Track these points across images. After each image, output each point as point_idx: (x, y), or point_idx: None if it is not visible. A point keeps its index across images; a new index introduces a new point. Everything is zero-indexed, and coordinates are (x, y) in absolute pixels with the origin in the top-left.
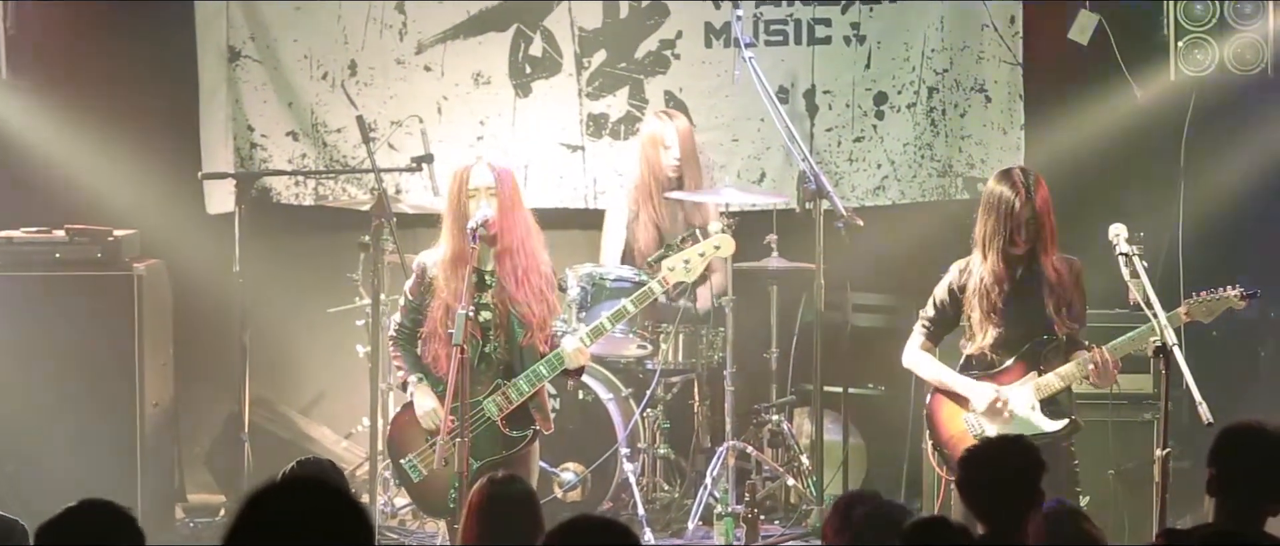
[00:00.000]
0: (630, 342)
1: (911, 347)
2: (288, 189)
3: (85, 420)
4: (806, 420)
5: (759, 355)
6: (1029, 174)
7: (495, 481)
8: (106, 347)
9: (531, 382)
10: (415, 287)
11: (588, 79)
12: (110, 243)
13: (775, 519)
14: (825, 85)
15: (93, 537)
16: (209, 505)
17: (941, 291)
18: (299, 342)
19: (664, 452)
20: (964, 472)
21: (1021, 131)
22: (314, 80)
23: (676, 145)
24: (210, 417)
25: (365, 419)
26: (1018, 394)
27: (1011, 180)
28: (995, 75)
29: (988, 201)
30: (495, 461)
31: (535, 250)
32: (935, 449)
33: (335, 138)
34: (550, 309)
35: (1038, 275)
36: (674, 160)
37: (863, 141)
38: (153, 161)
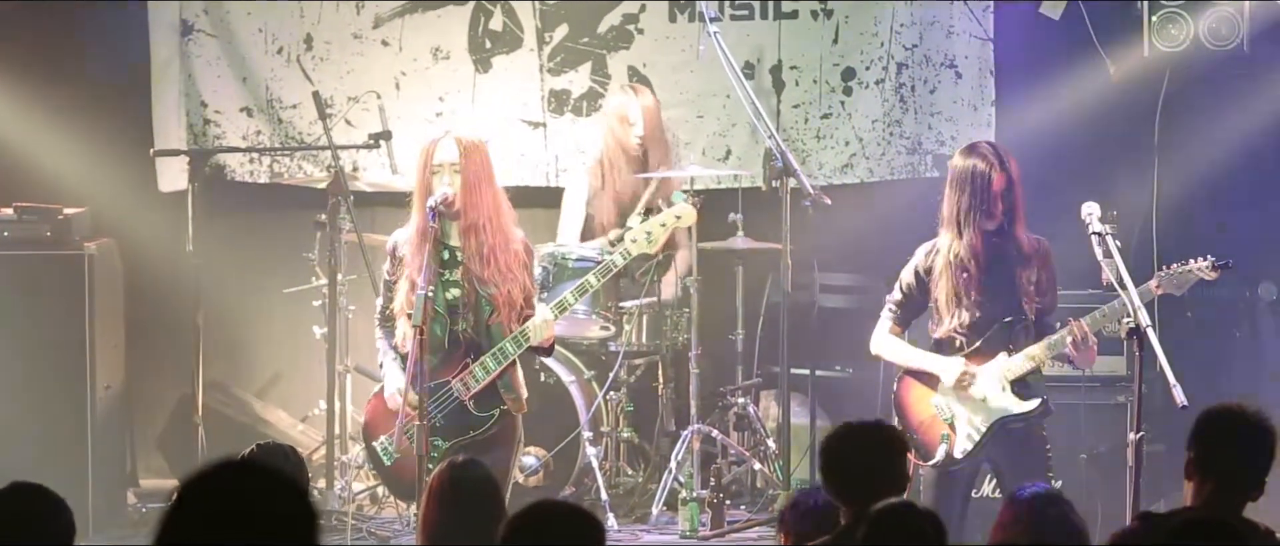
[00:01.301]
0: (593, 324)
1: (879, 333)
2: (242, 166)
3: (35, 403)
4: (773, 403)
5: (724, 336)
6: (997, 146)
7: (455, 465)
8: (56, 329)
9: (498, 361)
10: (390, 267)
11: (549, 54)
12: (60, 221)
13: (741, 504)
14: (792, 61)
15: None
16: (161, 490)
17: (908, 275)
18: (254, 324)
19: (627, 436)
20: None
21: (992, 108)
22: (269, 55)
23: (640, 121)
24: (163, 400)
25: (322, 402)
26: (987, 374)
27: (980, 153)
28: (965, 51)
29: (958, 177)
30: (462, 443)
31: (505, 227)
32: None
33: (291, 114)
34: (521, 287)
35: (1009, 251)
36: (636, 137)
37: (830, 118)
38: (103, 138)
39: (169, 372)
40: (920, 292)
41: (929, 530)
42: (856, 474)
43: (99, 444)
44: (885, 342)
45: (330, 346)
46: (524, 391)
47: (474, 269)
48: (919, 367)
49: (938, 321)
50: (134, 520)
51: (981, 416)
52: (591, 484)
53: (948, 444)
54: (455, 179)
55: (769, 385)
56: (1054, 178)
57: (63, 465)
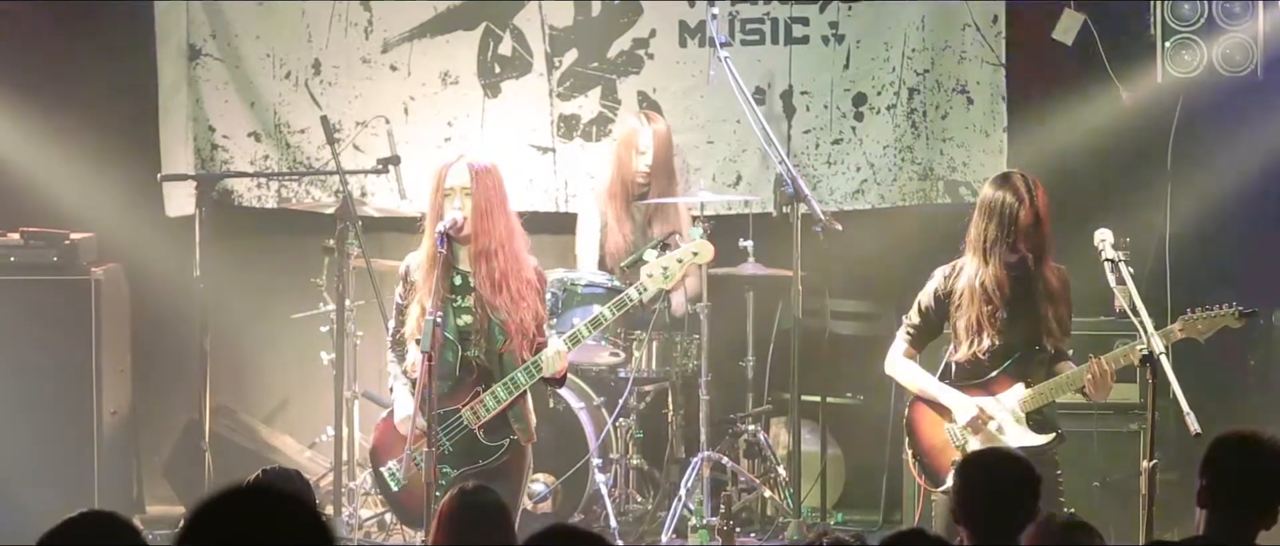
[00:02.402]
0: (603, 350)
1: (894, 354)
2: (250, 191)
3: (41, 428)
4: (783, 430)
5: (734, 363)
6: (1028, 178)
7: (465, 491)
8: (63, 354)
9: (509, 390)
10: (402, 291)
11: (559, 79)
12: (67, 246)
13: (751, 531)
14: (803, 86)
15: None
16: (168, 517)
17: (926, 297)
18: (261, 349)
19: (637, 463)
20: (960, 480)
21: (1004, 134)
22: (277, 79)
23: (651, 151)
24: (170, 426)
25: (329, 428)
26: (1004, 406)
27: (1012, 185)
28: (977, 76)
29: (988, 206)
30: (471, 472)
31: (517, 252)
32: (915, 458)
33: (299, 139)
34: (534, 315)
35: (1034, 284)
36: (645, 166)
37: (841, 143)
38: (111, 163)
39: (175, 398)
40: (938, 316)
41: None
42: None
43: (105, 469)
44: (900, 366)
45: (338, 372)
46: (533, 421)
47: (485, 294)
48: (932, 398)
49: (956, 346)
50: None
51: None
52: (601, 511)
53: None
54: (466, 203)
55: (779, 412)
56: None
57: (69, 491)
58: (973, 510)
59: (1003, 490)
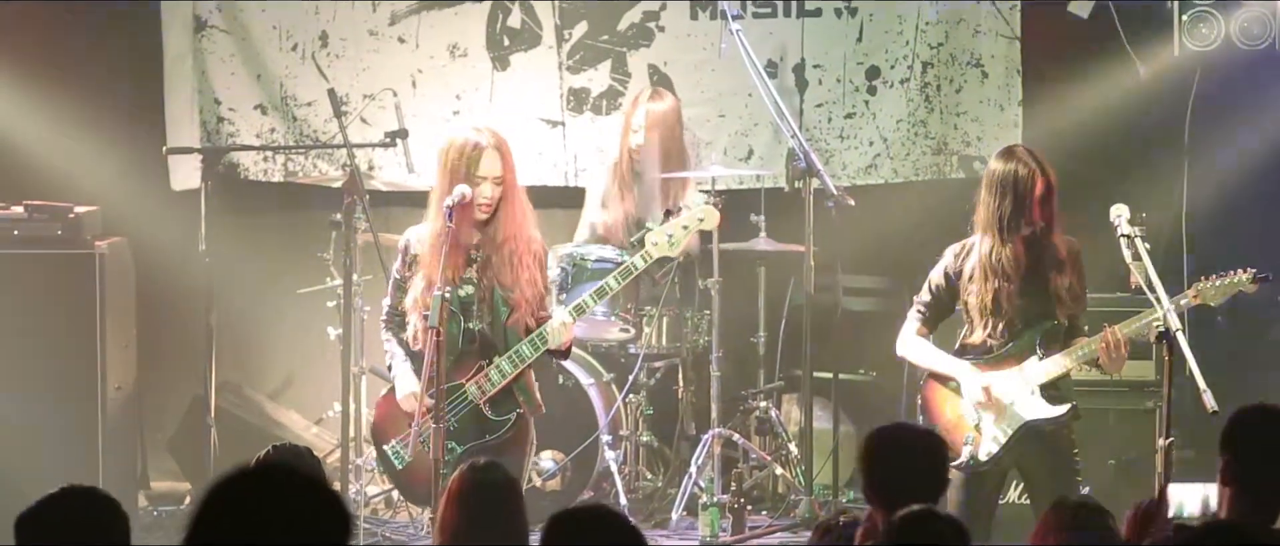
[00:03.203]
0: (612, 326)
1: (906, 334)
2: (256, 164)
3: (45, 404)
4: (795, 407)
5: (746, 339)
6: (1033, 152)
7: (475, 468)
8: (67, 329)
9: (514, 363)
10: (401, 266)
11: (568, 52)
12: (71, 220)
13: (763, 509)
14: (815, 59)
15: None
16: (173, 493)
17: (937, 276)
18: (267, 325)
19: (647, 440)
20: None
21: (1019, 108)
22: (283, 52)
23: (643, 129)
24: (175, 402)
25: (336, 404)
26: (1017, 379)
27: (1020, 157)
28: (992, 49)
29: (999, 181)
30: (478, 446)
31: (526, 227)
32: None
33: (305, 111)
34: (538, 288)
35: (1044, 256)
36: (635, 144)
37: (854, 118)
38: (115, 135)
39: (181, 374)
40: (949, 295)
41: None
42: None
43: (110, 446)
44: (911, 344)
45: (345, 348)
46: (538, 394)
47: (495, 268)
48: (944, 373)
49: (969, 324)
50: (145, 523)
51: (1008, 421)
52: (610, 488)
53: (972, 446)
54: (496, 190)
55: (791, 389)
56: (1082, 178)
57: (73, 467)
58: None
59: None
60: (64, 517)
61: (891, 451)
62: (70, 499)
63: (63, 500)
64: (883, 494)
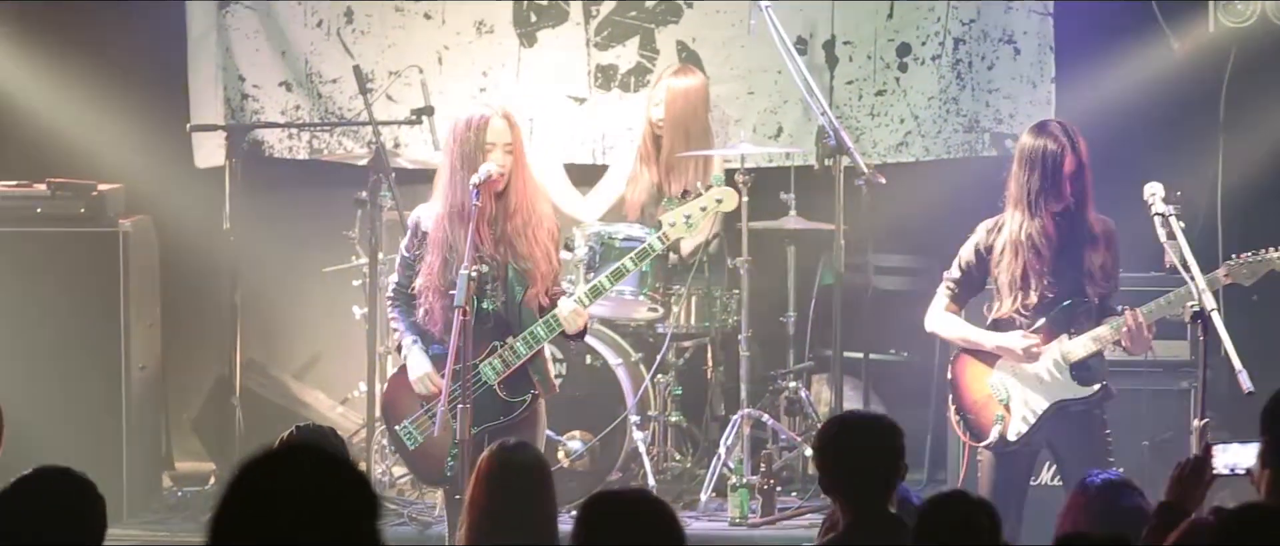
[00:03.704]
0: (640, 305)
1: (935, 310)
2: (281, 142)
3: (68, 383)
4: (825, 387)
5: (775, 319)
6: (1067, 127)
7: (506, 447)
8: (90, 307)
9: (529, 345)
10: (410, 243)
11: (596, 28)
12: (94, 197)
13: (792, 490)
14: (846, 36)
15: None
16: (198, 473)
17: (967, 252)
18: (292, 303)
19: (675, 420)
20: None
21: (1052, 85)
22: (308, 28)
23: (664, 104)
24: (199, 381)
25: (362, 384)
26: (1047, 356)
27: (1051, 132)
28: (1024, 25)
29: (1029, 156)
30: (493, 428)
31: (538, 204)
32: (958, 414)
33: (331, 88)
34: (552, 266)
35: (1078, 233)
36: (656, 118)
37: (885, 95)
38: (139, 112)
39: (205, 353)
40: (980, 271)
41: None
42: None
43: (133, 426)
44: (941, 320)
45: (371, 327)
46: (552, 372)
47: (511, 246)
48: (976, 345)
49: (998, 301)
50: (169, 504)
51: (1038, 399)
52: (638, 469)
53: (1001, 425)
54: (507, 159)
55: (821, 369)
56: (1116, 157)
57: (97, 447)
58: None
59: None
60: (37, 500)
61: (843, 441)
62: (43, 481)
63: (35, 482)
64: (837, 485)
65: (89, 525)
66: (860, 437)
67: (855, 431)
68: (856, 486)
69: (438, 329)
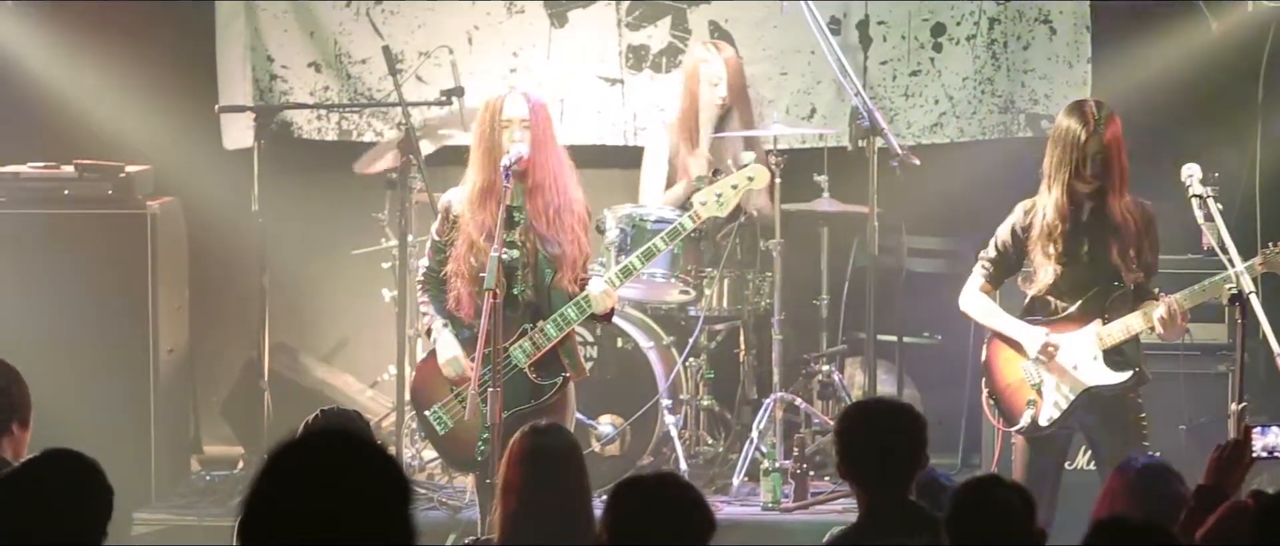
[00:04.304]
0: (672, 288)
1: (969, 289)
2: (309, 123)
3: (96, 367)
4: (859, 371)
5: (809, 302)
6: (1102, 108)
7: (538, 430)
8: (118, 290)
9: (559, 327)
10: (441, 227)
11: (627, 8)
12: (122, 179)
13: (825, 475)
14: (879, 16)
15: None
16: (227, 457)
17: (1004, 232)
18: (321, 286)
19: (707, 404)
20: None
21: (1088, 65)
22: (338, 8)
23: (723, 81)
24: (228, 365)
25: (391, 367)
26: (1079, 342)
27: (1082, 112)
28: (1061, 5)
29: (1055, 134)
30: (523, 411)
31: (568, 186)
32: (991, 397)
33: (360, 69)
34: (581, 249)
35: (1108, 215)
36: (721, 97)
37: (919, 75)
38: (167, 93)
39: (233, 336)
40: (1016, 252)
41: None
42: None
43: (162, 409)
44: (974, 300)
45: (400, 310)
46: (582, 356)
47: (539, 229)
48: (1003, 332)
49: (1034, 284)
50: (198, 488)
51: (1070, 384)
52: (670, 453)
53: (1033, 410)
54: (525, 135)
55: (854, 352)
56: (1153, 138)
57: (125, 431)
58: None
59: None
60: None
61: (864, 428)
62: (50, 463)
63: (42, 465)
64: (855, 472)
65: (92, 510)
66: (881, 425)
67: (876, 418)
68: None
69: (467, 314)
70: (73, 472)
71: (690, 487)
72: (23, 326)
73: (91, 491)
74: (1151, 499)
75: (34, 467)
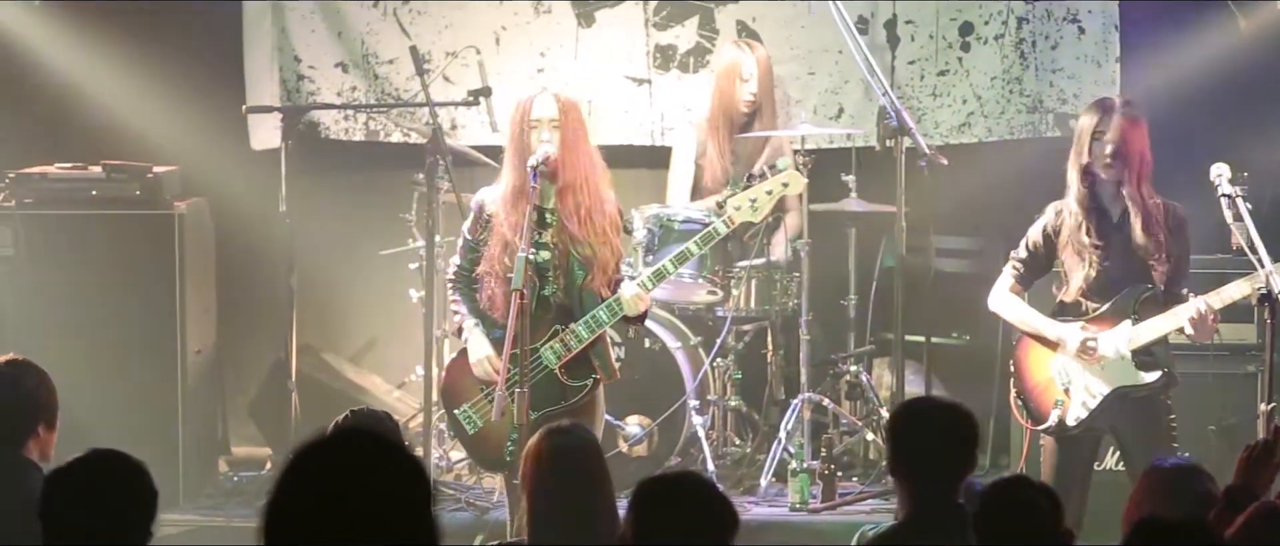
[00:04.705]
0: (700, 288)
1: (999, 289)
2: (337, 124)
3: (123, 368)
4: (886, 371)
5: (836, 302)
6: (1125, 103)
7: (557, 430)
8: (146, 291)
9: (591, 329)
10: (473, 226)
11: (655, 8)
12: (150, 180)
13: (853, 475)
14: (907, 15)
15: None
16: (254, 458)
17: (1035, 233)
18: (349, 287)
19: (735, 405)
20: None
21: (1116, 65)
22: (365, 8)
23: (755, 78)
24: (255, 366)
25: (419, 368)
26: (1109, 342)
27: (1100, 106)
28: (1089, 4)
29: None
30: (553, 412)
31: (599, 188)
32: (1019, 397)
33: (387, 69)
34: (614, 250)
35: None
36: (749, 94)
37: (947, 75)
38: (194, 94)
39: (261, 337)
40: (1047, 253)
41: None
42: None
43: (190, 410)
44: (1004, 301)
45: (427, 310)
46: (613, 358)
47: (570, 229)
48: (1035, 332)
49: (1065, 284)
50: (226, 489)
51: (1099, 384)
52: (698, 454)
53: (1060, 409)
54: (554, 135)
55: (882, 352)
56: (1181, 137)
57: (152, 432)
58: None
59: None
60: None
61: (917, 425)
62: (96, 462)
63: (89, 463)
64: (903, 471)
65: (139, 510)
66: (933, 423)
67: (929, 417)
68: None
69: (499, 314)
70: (122, 472)
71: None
72: (50, 327)
73: (139, 491)
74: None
75: (83, 466)
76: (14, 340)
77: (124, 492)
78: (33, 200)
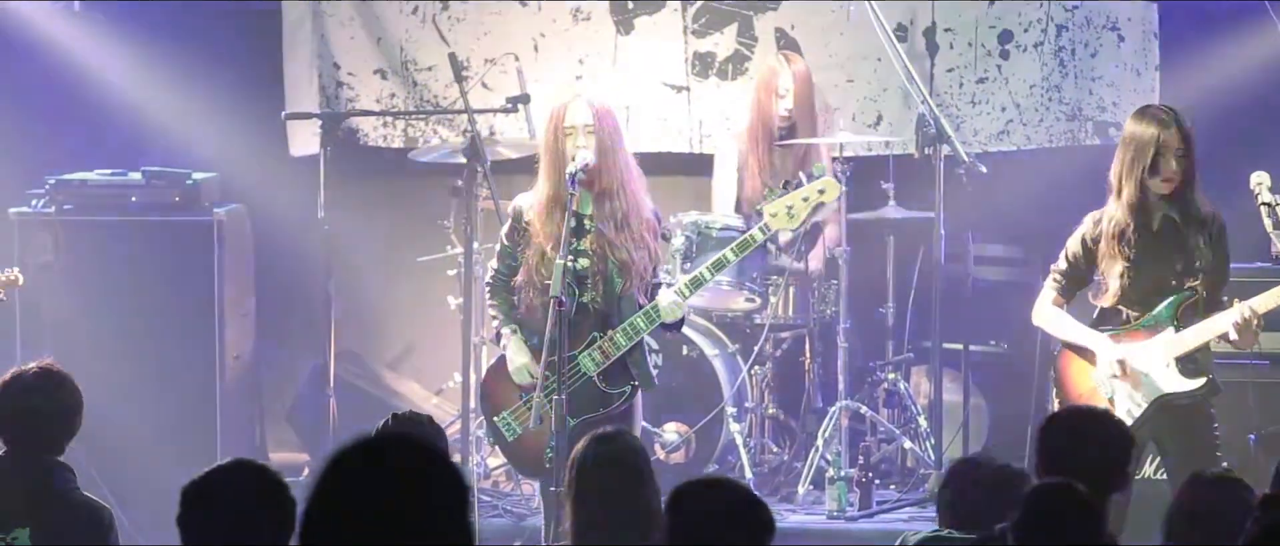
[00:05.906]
0: (738, 295)
1: (1042, 304)
2: (375, 130)
3: (162, 373)
4: (924, 379)
5: (874, 310)
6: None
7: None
8: (185, 297)
9: (629, 336)
10: (511, 233)
11: (694, 15)
12: (189, 186)
13: (891, 484)
14: (946, 23)
15: (241, 501)
16: (293, 464)
17: (1074, 244)
18: (387, 293)
19: (773, 412)
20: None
21: (1156, 72)
22: (404, 15)
23: (791, 94)
24: (294, 371)
25: (457, 374)
26: (1152, 350)
27: (1152, 113)
28: (1128, 12)
29: (1126, 137)
30: (592, 419)
31: (637, 194)
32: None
33: (426, 76)
34: (651, 256)
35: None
36: (785, 110)
37: (986, 83)
38: (233, 100)
39: (300, 343)
40: (1087, 263)
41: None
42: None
43: (228, 416)
44: (1048, 314)
45: (466, 317)
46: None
47: (608, 236)
48: (1078, 344)
49: (1105, 293)
50: None
51: (1143, 393)
52: (735, 461)
53: None
54: (590, 141)
55: (920, 360)
56: (1221, 145)
57: (191, 437)
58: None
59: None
60: (231, 492)
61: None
62: (238, 473)
63: (230, 473)
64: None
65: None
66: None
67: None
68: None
69: (537, 320)
70: (264, 484)
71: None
72: (89, 333)
73: (280, 503)
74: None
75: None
76: (53, 345)
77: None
78: (72, 206)
